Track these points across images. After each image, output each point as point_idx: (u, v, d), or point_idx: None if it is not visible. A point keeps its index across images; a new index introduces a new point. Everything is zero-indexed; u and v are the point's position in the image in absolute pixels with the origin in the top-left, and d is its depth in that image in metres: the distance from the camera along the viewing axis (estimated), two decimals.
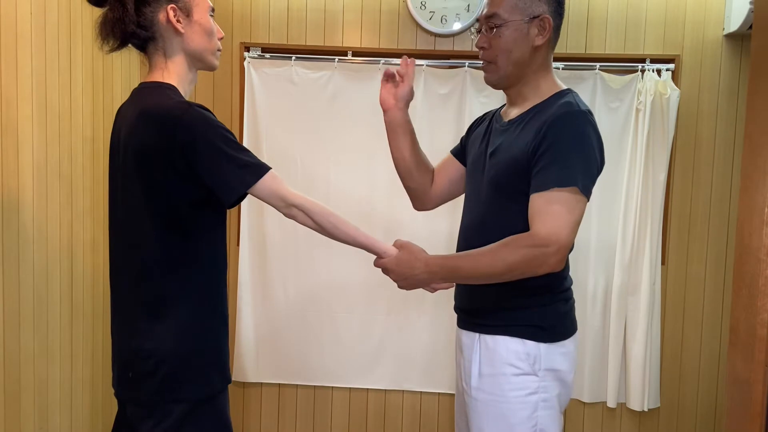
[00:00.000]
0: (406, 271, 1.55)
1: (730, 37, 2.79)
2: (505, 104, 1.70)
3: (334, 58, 2.85)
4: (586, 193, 1.46)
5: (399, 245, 1.59)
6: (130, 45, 1.48)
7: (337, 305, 2.93)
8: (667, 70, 2.77)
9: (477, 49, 1.62)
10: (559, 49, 2.86)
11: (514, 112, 1.62)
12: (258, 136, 2.87)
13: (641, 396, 2.81)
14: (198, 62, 1.52)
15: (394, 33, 2.88)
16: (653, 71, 2.77)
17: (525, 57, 1.55)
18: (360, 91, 2.86)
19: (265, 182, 1.40)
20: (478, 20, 1.61)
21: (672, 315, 2.89)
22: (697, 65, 2.82)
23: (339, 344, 2.93)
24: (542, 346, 1.53)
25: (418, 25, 2.85)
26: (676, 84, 2.78)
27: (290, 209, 1.45)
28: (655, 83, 2.74)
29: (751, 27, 2.50)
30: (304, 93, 2.86)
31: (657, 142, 2.76)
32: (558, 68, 2.78)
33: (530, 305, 1.55)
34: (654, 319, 2.82)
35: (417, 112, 2.83)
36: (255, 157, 1.42)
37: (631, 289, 2.81)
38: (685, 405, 2.92)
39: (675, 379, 2.91)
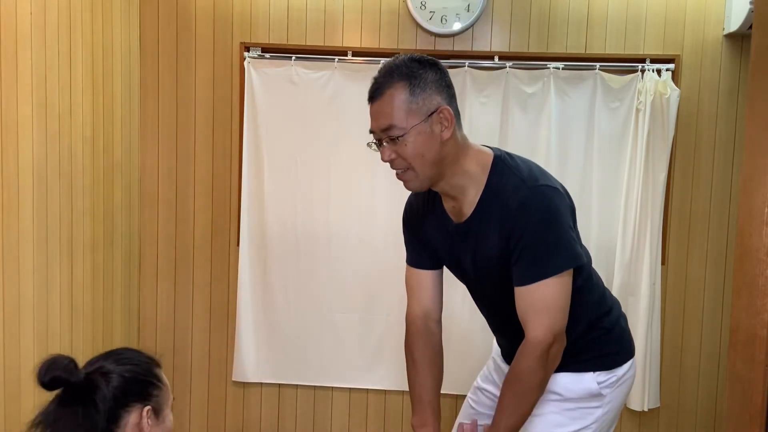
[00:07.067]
0: None
1: (730, 37, 2.79)
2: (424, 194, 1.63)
3: (334, 58, 2.84)
4: (573, 264, 1.48)
5: None
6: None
7: (337, 305, 2.92)
8: (667, 70, 2.77)
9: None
10: (559, 48, 2.89)
11: (464, 209, 1.55)
12: (258, 136, 2.87)
13: (641, 396, 2.80)
14: None
15: (394, 33, 2.88)
16: (653, 71, 2.76)
17: (439, 154, 1.47)
18: (360, 91, 2.83)
19: None
20: (372, 132, 1.53)
21: (672, 315, 2.89)
22: (697, 65, 2.82)
23: (339, 344, 2.92)
24: (609, 372, 1.64)
25: (418, 25, 2.84)
26: (676, 84, 2.78)
27: None
28: (655, 83, 2.74)
29: (751, 27, 2.49)
30: (304, 93, 2.86)
31: (657, 142, 2.76)
32: (558, 68, 2.78)
33: (593, 339, 1.64)
34: (654, 319, 2.81)
35: None
36: None
37: (631, 289, 2.81)
38: (685, 405, 2.91)
39: (675, 379, 2.91)
